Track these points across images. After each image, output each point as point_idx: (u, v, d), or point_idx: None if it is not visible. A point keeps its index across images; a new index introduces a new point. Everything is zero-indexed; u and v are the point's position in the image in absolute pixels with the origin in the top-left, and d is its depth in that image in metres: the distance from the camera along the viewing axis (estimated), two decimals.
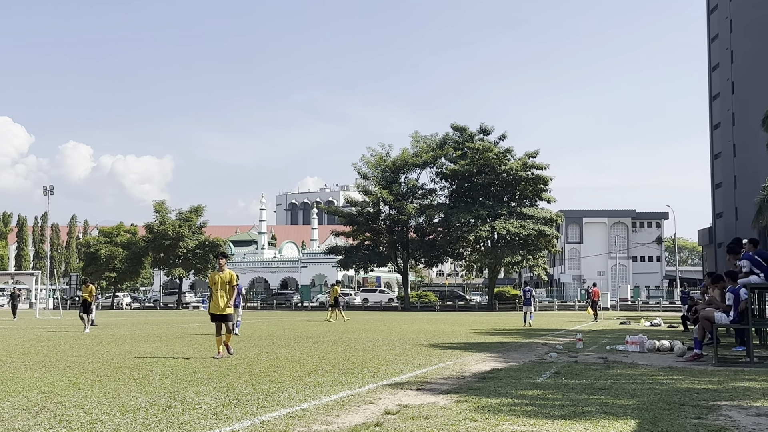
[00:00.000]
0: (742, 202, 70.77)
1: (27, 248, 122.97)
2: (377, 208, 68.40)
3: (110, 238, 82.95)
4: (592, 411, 7.74)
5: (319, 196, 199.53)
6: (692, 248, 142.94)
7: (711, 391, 9.30)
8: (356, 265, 70.27)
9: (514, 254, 63.19)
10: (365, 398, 8.71)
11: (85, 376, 11.14)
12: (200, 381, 10.38)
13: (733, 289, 13.50)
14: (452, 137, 68.60)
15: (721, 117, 79.72)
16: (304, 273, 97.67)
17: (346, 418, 7.38)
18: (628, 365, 12.88)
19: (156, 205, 79.82)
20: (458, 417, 7.37)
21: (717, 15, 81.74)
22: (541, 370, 12.07)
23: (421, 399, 8.66)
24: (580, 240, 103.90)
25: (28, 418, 7.38)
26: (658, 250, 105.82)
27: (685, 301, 31.93)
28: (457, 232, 63.34)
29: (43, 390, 9.51)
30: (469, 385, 10.01)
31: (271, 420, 7.23)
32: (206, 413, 7.66)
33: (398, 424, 6.97)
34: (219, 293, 14.31)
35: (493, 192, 65.99)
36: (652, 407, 7.98)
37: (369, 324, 31.81)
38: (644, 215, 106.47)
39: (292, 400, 8.52)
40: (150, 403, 8.31)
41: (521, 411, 7.78)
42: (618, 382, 10.27)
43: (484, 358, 14.29)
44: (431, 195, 69.93)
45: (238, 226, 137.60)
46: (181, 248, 76.20)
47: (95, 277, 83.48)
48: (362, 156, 71.04)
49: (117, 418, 7.36)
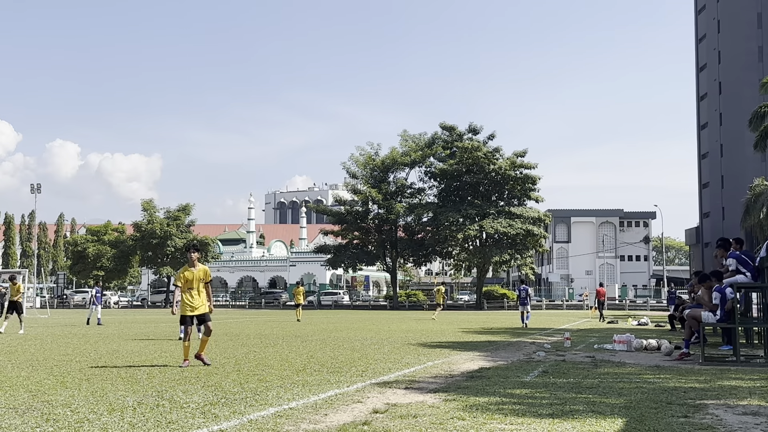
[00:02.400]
0: (729, 202, 71.15)
1: (14, 246, 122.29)
2: (366, 207, 68.46)
3: (98, 237, 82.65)
4: (579, 410, 7.77)
5: (308, 194, 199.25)
6: (679, 248, 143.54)
7: (698, 390, 9.34)
8: (345, 264, 70.34)
9: (502, 253, 63.39)
10: (353, 397, 8.70)
11: (73, 374, 11.09)
12: (188, 380, 10.35)
13: (719, 288, 13.58)
14: (441, 136, 68.77)
15: (709, 117, 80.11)
16: (292, 272, 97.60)
17: (335, 416, 7.38)
18: (615, 364, 12.93)
19: (144, 204, 79.66)
20: (446, 416, 7.38)
21: (705, 16, 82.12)
22: (529, 368, 12.09)
23: (409, 398, 8.66)
24: (568, 239, 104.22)
25: (15, 417, 7.34)
26: (646, 249, 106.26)
27: (672, 300, 32.02)
28: (446, 231, 63.45)
29: (30, 389, 9.46)
30: (458, 383, 10.02)
31: (259, 419, 7.22)
32: (194, 412, 7.63)
33: (386, 423, 6.97)
34: (192, 291, 12.45)
35: (481, 191, 66.14)
36: (640, 406, 8.01)
37: (357, 323, 31.81)
38: (632, 215, 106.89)
39: (281, 399, 8.50)
40: (137, 402, 8.28)
41: (509, 410, 7.79)
42: (605, 381, 10.30)
43: (472, 357, 14.31)
44: (420, 194, 70.06)
45: (226, 225, 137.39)
46: (169, 247, 75.99)
47: (83, 275, 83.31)
48: (351, 155, 71.22)
49: (104, 417, 7.33)
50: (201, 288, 12.57)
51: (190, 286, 12.48)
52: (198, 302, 12.45)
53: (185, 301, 12.41)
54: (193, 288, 12.48)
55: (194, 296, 12.45)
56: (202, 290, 12.59)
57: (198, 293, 12.51)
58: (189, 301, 12.39)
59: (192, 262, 12.60)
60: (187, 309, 12.38)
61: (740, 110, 65.75)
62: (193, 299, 12.42)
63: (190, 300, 12.41)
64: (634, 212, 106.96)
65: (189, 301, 12.39)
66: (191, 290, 12.47)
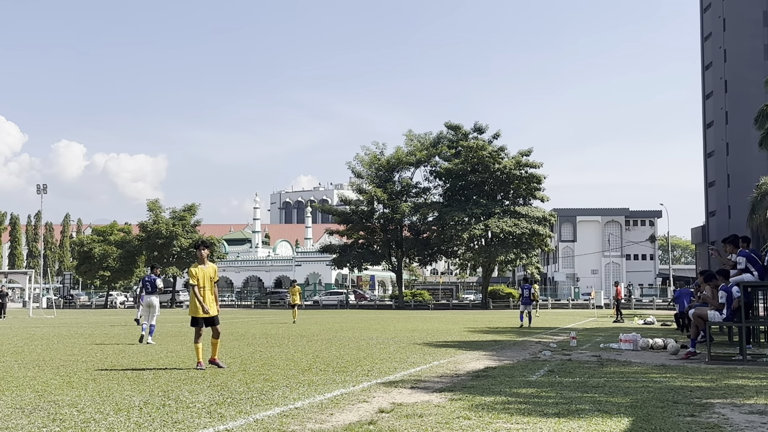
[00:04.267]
0: (735, 200, 70.99)
1: (20, 247, 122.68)
2: (371, 207, 68.40)
3: (104, 237, 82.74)
4: (585, 409, 7.76)
5: (313, 194, 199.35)
6: (685, 246, 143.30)
7: (704, 389, 9.32)
8: (350, 263, 70.29)
9: (507, 253, 63.27)
10: (359, 397, 8.70)
11: (79, 375, 11.12)
12: (194, 380, 10.36)
13: (725, 287, 13.55)
14: (446, 136, 68.68)
15: (715, 116, 79.87)
16: (298, 271, 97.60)
17: (340, 416, 7.38)
18: (621, 363, 12.91)
19: (149, 204, 79.69)
20: (452, 415, 7.38)
21: (710, 14, 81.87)
22: (534, 368, 12.08)
23: (415, 397, 8.66)
24: (573, 238, 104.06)
25: (22, 417, 7.36)
26: (652, 248, 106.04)
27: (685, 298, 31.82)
28: (451, 230, 63.38)
29: (36, 389, 9.48)
30: (463, 383, 10.02)
31: (265, 418, 7.22)
32: (200, 412, 7.64)
33: (392, 423, 6.97)
34: (206, 291, 12.02)
35: (486, 190, 66.04)
36: (646, 405, 8.00)
37: (363, 322, 31.81)
38: (638, 213, 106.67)
39: (286, 399, 8.51)
40: (144, 402, 8.29)
41: (515, 409, 7.79)
42: (611, 380, 10.28)
43: (478, 357, 14.30)
44: (425, 193, 69.97)
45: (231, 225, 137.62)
46: (174, 247, 76.04)
47: (89, 276, 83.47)
48: (356, 154, 71.14)
49: (111, 417, 7.34)
50: (211, 287, 12.14)
51: (202, 285, 12.00)
52: (209, 303, 11.99)
53: (196, 302, 11.91)
54: (204, 287, 12.03)
55: (206, 296, 12.00)
56: (212, 290, 12.18)
57: (209, 293, 12.09)
58: (201, 302, 11.90)
59: (202, 259, 12.18)
60: (200, 310, 11.89)
61: (746, 108, 65.52)
62: (204, 300, 11.95)
63: (205, 301, 11.96)
64: (640, 211, 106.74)
65: (201, 302, 11.90)
66: (204, 289, 12.01)
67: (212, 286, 12.19)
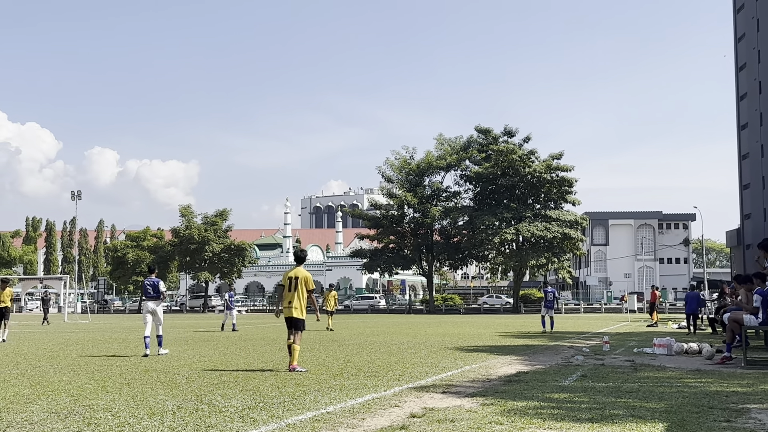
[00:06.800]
0: None
1: (55, 253, 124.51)
2: (401, 211, 68.40)
3: (137, 243, 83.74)
4: (619, 414, 7.69)
5: (344, 199, 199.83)
6: (720, 250, 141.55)
7: (740, 394, 9.19)
8: (381, 268, 70.31)
9: (539, 257, 62.95)
10: (391, 401, 8.70)
11: (113, 379, 11.24)
12: (226, 384, 10.43)
13: (761, 290, 13.35)
14: (476, 139, 68.51)
15: (749, 117, 78.57)
16: (328, 276, 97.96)
17: (372, 421, 7.38)
18: (655, 368, 12.77)
19: (182, 209, 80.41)
20: (484, 420, 7.35)
21: (743, 14, 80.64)
22: (567, 373, 12.00)
23: (446, 402, 8.64)
24: (605, 242, 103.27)
25: (57, 421, 7.45)
26: (686, 251, 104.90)
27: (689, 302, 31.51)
28: (482, 234, 63.20)
29: (71, 393, 9.60)
30: (495, 388, 9.98)
31: (296, 423, 7.25)
32: (232, 416, 7.69)
33: (424, 428, 6.96)
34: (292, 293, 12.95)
35: (517, 194, 65.78)
36: (681, 410, 7.91)
37: (394, 327, 31.82)
38: (671, 217, 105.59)
39: (318, 403, 8.53)
40: (177, 406, 8.36)
41: (548, 414, 7.74)
42: (645, 385, 10.18)
43: (509, 361, 14.24)
44: (455, 197, 69.82)
45: (262, 230, 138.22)
46: (207, 252, 76.67)
47: (123, 281, 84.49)
48: (386, 159, 71.25)
49: (144, 421, 7.42)
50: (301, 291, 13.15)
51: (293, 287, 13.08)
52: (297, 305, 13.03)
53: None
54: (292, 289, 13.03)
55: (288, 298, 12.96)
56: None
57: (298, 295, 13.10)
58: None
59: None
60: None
61: None
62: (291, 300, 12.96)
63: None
64: (673, 214, 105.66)
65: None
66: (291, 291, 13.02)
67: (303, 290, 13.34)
